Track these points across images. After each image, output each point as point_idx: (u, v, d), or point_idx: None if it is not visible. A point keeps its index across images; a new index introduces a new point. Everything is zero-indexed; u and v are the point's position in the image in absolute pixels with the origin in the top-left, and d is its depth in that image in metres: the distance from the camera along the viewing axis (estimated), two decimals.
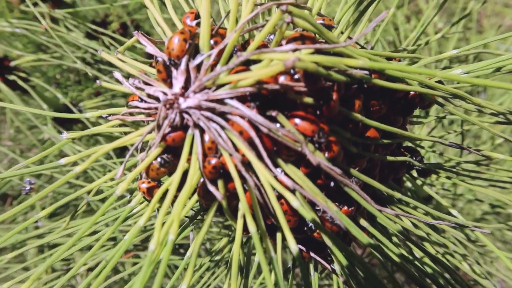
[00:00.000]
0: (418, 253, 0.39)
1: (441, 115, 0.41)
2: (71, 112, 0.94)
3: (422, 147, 0.48)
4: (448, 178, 0.43)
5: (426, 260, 0.40)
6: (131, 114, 0.29)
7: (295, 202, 0.22)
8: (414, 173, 0.48)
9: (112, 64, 0.84)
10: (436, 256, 0.38)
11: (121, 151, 0.84)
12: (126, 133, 0.31)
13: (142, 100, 0.26)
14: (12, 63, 0.81)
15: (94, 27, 0.73)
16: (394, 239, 0.42)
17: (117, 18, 1.29)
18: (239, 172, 0.23)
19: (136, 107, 0.26)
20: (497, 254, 0.38)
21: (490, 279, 0.59)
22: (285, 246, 0.51)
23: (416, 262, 0.37)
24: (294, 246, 0.22)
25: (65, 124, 0.85)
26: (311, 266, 0.37)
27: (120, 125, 0.30)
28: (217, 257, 0.47)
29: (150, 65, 0.30)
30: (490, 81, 0.21)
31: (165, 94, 0.23)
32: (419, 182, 0.55)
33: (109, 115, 0.30)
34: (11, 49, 0.73)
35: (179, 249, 0.76)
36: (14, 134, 0.87)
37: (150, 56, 1.03)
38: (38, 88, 0.89)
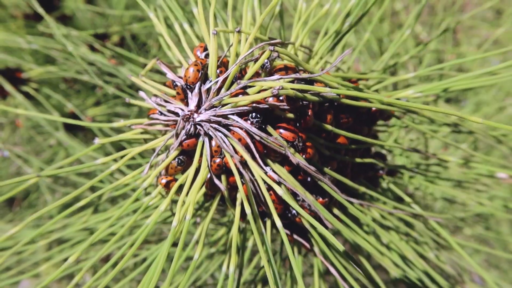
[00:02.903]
0: (385, 239, 0.47)
1: (403, 125, 0.49)
2: (79, 119, 1.00)
3: (390, 151, 0.56)
4: (411, 177, 0.51)
5: (392, 245, 0.48)
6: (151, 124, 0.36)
7: (280, 191, 0.30)
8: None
9: (114, 75, 0.91)
10: (399, 243, 0.46)
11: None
12: (146, 140, 0.39)
13: (161, 114, 0.34)
14: (24, 75, 0.88)
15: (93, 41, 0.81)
16: (366, 228, 0.50)
17: (116, 30, 1.36)
18: (238, 169, 0.30)
19: (157, 119, 0.34)
20: (448, 239, 0.46)
21: (460, 270, 0.67)
22: (273, 239, 0.58)
23: (383, 248, 0.45)
24: (279, 223, 0.29)
25: (72, 130, 0.92)
26: (296, 250, 0.44)
27: (141, 133, 0.38)
28: (213, 249, 0.54)
29: (164, 84, 0.38)
30: (420, 104, 0.29)
31: (183, 110, 0.30)
32: (391, 184, 0.63)
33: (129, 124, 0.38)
34: (24, 62, 0.80)
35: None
36: (27, 138, 0.93)
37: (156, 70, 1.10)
38: (44, 96, 0.96)
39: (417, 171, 0.51)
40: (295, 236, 0.40)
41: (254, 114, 0.29)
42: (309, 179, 0.34)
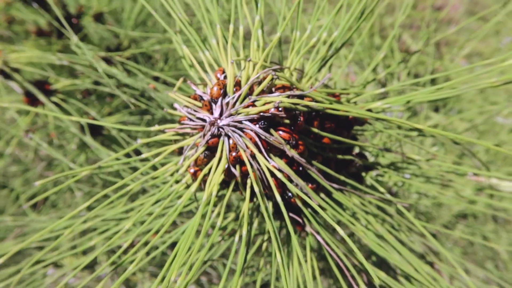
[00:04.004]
0: (363, 221, 0.58)
1: (376, 130, 0.61)
2: (99, 126, 1.12)
3: (377, 155, 0.68)
4: (385, 172, 0.62)
5: (370, 227, 0.59)
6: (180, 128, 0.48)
7: (280, 175, 0.41)
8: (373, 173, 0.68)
9: (131, 86, 1.03)
10: (374, 227, 0.57)
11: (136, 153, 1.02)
12: (175, 140, 0.50)
13: (190, 120, 0.45)
14: (52, 87, 1.00)
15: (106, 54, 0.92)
16: (348, 212, 0.61)
17: (126, 46, 1.49)
18: (249, 160, 0.42)
19: (187, 124, 0.45)
20: (414, 222, 0.57)
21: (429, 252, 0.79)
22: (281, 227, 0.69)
23: (362, 227, 0.56)
24: (279, 198, 0.41)
25: (93, 135, 1.04)
26: (292, 230, 0.55)
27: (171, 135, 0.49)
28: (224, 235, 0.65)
29: (189, 96, 0.49)
30: (379, 114, 0.41)
31: (209, 117, 0.42)
32: (373, 181, 0.75)
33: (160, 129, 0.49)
34: (53, 76, 0.92)
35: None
36: (58, 144, 1.04)
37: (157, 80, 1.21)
38: (64, 105, 1.07)
39: (391, 168, 0.63)
40: (290, 214, 0.51)
41: (261, 120, 0.41)
42: (301, 168, 0.46)
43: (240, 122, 0.41)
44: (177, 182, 0.50)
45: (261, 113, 0.41)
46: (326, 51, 0.51)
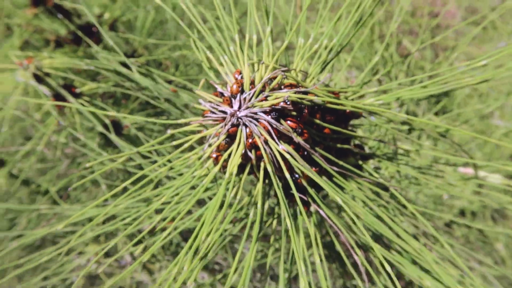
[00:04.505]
0: (361, 203, 0.67)
1: (372, 124, 0.69)
2: (119, 125, 1.21)
3: (367, 144, 0.76)
4: (379, 161, 0.71)
5: (367, 208, 0.67)
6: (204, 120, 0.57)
7: (288, 156, 0.50)
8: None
9: (149, 89, 1.12)
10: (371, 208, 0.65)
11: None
12: (198, 131, 0.59)
13: (213, 113, 0.54)
14: (77, 90, 1.09)
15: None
16: (347, 195, 0.69)
17: (140, 54, 1.59)
18: (262, 145, 0.50)
19: (210, 116, 0.54)
20: (406, 204, 0.65)
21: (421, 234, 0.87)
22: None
23: (360, 207, 0.64)
24: (288, 176, 0.49)
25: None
26: (298, 210, 0.64)
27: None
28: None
29: (214, 93, 0.58)
30: (370, 106, 0.49)
31: (230, 110, 0.51)
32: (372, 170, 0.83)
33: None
34: (80, 80, 1.02)
35: None
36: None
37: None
38: (89, 107, 1.17)
39: (384, 157, 0.71)
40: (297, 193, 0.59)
41: (272, 112, 0.50)
42: (305, 153, 0.54)
43: (255, 113, 0.50)
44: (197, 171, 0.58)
45: (273, 106, 0.49)
46: (327, 56, 0.60)
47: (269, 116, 0.50)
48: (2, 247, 1.09)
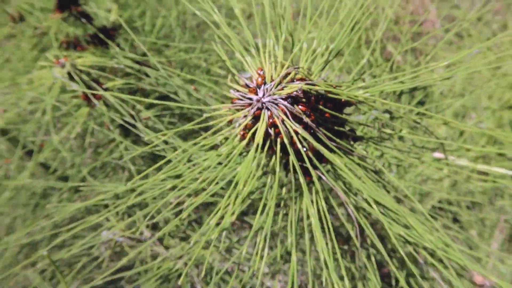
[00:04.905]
0: (358, 173, 0.83)
1: (362, 112, 0.86)
2: (137, 117, 1.36)
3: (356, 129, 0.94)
4: (367, 143, 0.88)
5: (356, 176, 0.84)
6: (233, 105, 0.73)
7: (300, 131, 0.66)
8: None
9: (163, 84, 1.27)
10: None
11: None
12: (226, 115, 0.75)
13: (241, 100, 0.70)
14: (104, 86, 1.24)
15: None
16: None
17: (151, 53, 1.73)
18: (280, 124, 0.67)
19: (238, 103, 0.70)
20: (389, 177, 0.82)
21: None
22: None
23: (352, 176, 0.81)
24: (300, 146, 0.66)
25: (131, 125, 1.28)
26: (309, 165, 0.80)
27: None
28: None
29: (244, 84, 0.74)
30: (356, 93, 0.66)
31: (256, 97, 0.67)
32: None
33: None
34: (109, 76, 1.17)
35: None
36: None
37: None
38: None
39: (372, 141, 0.88)
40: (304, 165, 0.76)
41: (288, 98, 0.66)
42: (312, 131, 0.71)
43: (275, 99, 0.66)
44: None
45: (288, 94, 0.66)
46: (327, 57, 0.77)
47: (286, 102, 0.66)
48: (34, 225, 1.22)
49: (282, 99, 0.66)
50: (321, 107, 0.70)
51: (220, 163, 0.77)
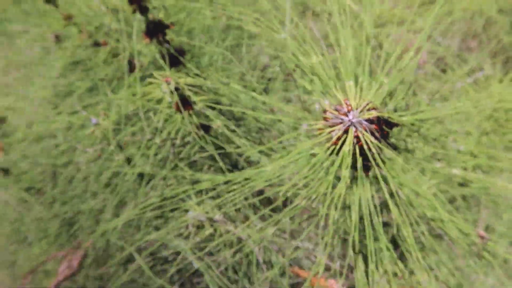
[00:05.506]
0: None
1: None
2: (209, 127, 1.69)
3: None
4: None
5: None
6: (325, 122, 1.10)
7: (373, 140, 1.04)
8: None
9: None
10: None
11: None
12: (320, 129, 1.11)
13: (333, 119, 1.07)
14: (193, 100, 1.58)
15: None
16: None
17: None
18: (362, 137, 1.04)
19: (332, 121, 1.07)
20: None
21: None
22: None
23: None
24: (375, 151, 1.04)
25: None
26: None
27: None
28: None
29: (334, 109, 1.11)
30: (405, 121, 1.06)
31: (347, 118, 1.05)
32: None
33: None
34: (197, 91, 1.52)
35: None
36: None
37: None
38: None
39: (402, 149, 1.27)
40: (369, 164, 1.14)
41: (367, 120, 1.05)
42: (380, 142, 1.09)
43: (360, 120, 1.04)
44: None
45: (369, 118, 1.04)
46: (386, 95, 1.16)
47: (366, 122, 1.03)
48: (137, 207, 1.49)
49: (364, 120, 1.03)
50: (383, 126, 1.08)
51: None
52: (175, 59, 1.53)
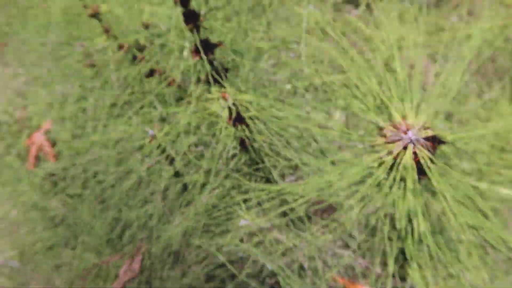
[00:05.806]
0: None
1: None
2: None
3: None
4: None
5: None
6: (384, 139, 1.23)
7: (429, 155, 1.18)
8: None
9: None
10: None
11: None
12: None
13: (393, 136, 1.20)
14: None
15: None
16: None
17: None
18: (418, 152, 1.18)
19: (392, 138, 1.20)
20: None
21: None
22: None
23: None
24: (430, 163, 1.18)
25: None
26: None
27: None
28: None
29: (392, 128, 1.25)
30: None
31: (406, 136, 1.18)
32: None
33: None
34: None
35: None
36: None
37: None
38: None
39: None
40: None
41: (424, 138, 1.18)
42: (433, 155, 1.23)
43: (417, 138, 1.17)
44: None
45: (425, 136, 1.17)
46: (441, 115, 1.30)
47: (423, 140, 1.16)
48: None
49: (422, 138, 1.15)
50: (435, 143, 1.21)
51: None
52: (219, 76, 1.59)
